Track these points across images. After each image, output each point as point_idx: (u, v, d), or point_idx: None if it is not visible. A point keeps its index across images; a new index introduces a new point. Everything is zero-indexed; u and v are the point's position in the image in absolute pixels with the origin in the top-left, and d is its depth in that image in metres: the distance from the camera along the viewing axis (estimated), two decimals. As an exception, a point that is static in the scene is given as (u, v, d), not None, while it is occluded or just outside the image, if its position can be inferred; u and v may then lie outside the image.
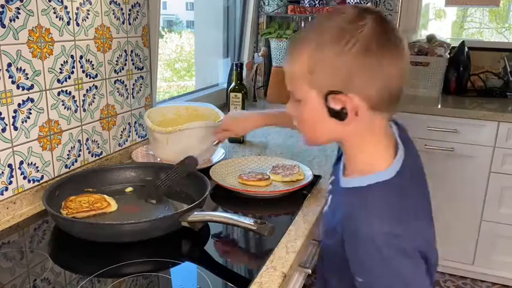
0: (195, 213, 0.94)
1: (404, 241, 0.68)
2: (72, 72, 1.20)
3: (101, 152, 1.34)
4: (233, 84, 1.68)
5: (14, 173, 1.06)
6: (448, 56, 2.50)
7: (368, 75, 0.68)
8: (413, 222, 0.72)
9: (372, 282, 0.71)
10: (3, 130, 1.02)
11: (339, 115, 0.71)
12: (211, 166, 1.29)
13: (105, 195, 1.08)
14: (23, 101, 1.06)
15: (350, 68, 0.67)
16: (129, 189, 1.17)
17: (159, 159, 1.37)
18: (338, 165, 0.86)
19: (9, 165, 1.05)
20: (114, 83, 1.37)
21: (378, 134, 0.75)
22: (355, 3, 2.32)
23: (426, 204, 0.81)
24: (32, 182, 1.11)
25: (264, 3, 2.57)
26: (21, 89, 1.05)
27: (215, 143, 1.25)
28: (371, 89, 0.69)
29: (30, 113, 1.08)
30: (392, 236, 0.68)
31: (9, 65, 1.01)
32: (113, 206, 1.05)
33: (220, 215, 0.99)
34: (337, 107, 0.71)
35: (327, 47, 0.68)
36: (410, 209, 0.74)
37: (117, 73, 1.37)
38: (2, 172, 1.03)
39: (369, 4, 2.29)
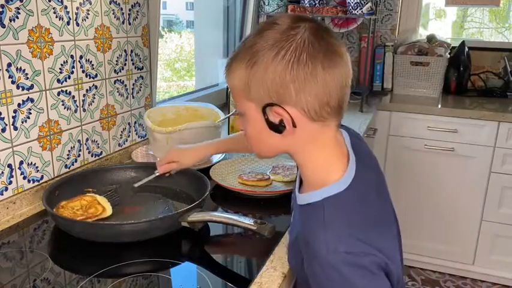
0: (195, 213, 0.94)
1: (363, 258, 0.66)
2: (72, 72, 1.20)
3: (101, 152, 1.34)
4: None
5: (13, 173, 1.06)
6: (448, 56, 2.50)
7: (302, 86, 0.67)
8: (372, 233, 0.70)
9: None
10: (3, 130, 1.02)
11: (277, 128, 0.71)
12: (211, 166, 1.29)
13: (96, 196, 1.04)
14: (22, 101, 1.06)
15: (283, 80, 0.67)
16: (129, 189, 1.17)
17: (159, 159, 1.37)
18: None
19: (9, 165, 1.05)
20: (114, 83, 1.37)
21: (326, 144, 0.74)
22: (356, 3, 2.32)
23: (388, 213, 0.80)
24: (31, 182, 1.11)
25: (264, 3, 2.57)
26: (21, 89, 1.05)
27: (157, 174, 1.13)
28: (307, 100, 0.68)
29: (30, 113, 1.08)
30: (349, 254, 0.65)
31: (9, 65, 1.01)
32: (108, 210, 1.01)
33: (220, 215, 0.99)
34: (275, 120, 0.70)
35: (260, 60, 0.68)
36: (369, 218, 0.72)
37: (117, 73, 1.37)
38: (2, 172, 1.03)
39: (369, 4, 2.29)
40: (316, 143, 0.73)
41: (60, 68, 1.15)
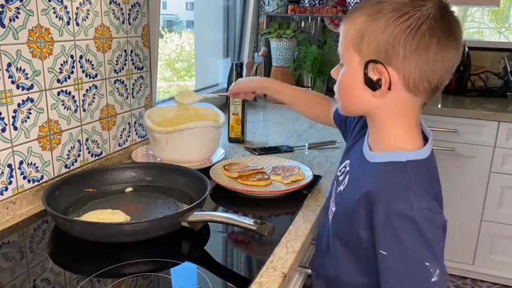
0: (195, 213, 0.94)
1: (439, 216, 0.73)
2: (72, 72, 1.20)
3: (101, 152, 1.34)
4: (233, 84, 1.68)
5: (13, 173, 1.06)
6: (448, 56, 2.49)
7: (411, 55, 0.70)
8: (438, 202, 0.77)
9: (398, 254, 0.72)
10: (3, 130, 1.02)
11: (372, 84, 0.74)
12: (211, 166, 1.29)
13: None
14: (22, 101, 1.06)
15: (396, 42, 0.69)
16: (129, 189, 1.17)
17: (159, 159, 1.37)
18: (354, 148, 0.90)
19: (9, 165, 1.05)
20: (114, 83, 1.37)
21: (410, 117, 0.77)
22: (355, 3, 2.32)
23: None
24: (31, 182, 1.11)
25: (264, 3, 2.57)
26: (21, 89, 1.05)
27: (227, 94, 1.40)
28: (411, 69, 0.71)
29: (30, 113, 1.08)
30: (430, 211, 0.71)
31: (9, 65, 1.01)
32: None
33: (220, 215, 0.99)
34: (374, 77, 0.74)
35: (382, 17, 0.70)
36: (438, 193, 0.79)
37: (117, 73, 1.37)
38: (2, 172, 1.03)
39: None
40: (401, 113, 0.77)
41: (60, 68, 1.15)
